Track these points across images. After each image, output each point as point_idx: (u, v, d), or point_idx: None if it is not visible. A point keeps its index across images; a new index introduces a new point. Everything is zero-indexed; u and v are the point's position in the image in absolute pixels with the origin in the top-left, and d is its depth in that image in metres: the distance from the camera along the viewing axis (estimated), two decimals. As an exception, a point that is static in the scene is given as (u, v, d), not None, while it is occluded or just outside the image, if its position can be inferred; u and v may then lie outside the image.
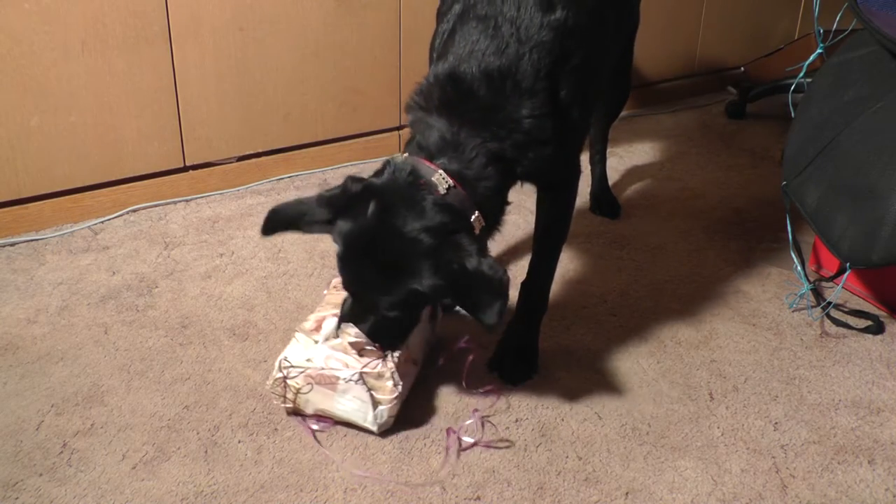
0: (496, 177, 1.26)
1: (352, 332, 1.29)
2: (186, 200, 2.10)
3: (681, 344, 1.58)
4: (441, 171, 1.23)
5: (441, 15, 1.40)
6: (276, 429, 1.32)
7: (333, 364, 1.29)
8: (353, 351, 1.29)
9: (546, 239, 1.50)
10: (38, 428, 1.31)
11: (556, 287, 1.75)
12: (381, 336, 1.30)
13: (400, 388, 1.29)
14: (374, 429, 1.29)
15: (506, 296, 1.19)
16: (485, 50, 1.25)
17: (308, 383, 1.29)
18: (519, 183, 1.37)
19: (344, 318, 1.32)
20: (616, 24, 1.43)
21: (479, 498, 1.21)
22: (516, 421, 1.36)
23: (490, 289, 1.18)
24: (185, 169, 2.11)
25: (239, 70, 2.09)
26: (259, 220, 1.29)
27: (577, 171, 1.46)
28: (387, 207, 1.20)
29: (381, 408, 1.28)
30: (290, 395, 1.31)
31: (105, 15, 1.87)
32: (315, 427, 1.32)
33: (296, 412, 1.33)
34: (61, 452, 1.26)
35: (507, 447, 1.30)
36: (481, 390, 1.41)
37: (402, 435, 1.32)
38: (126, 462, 1.25)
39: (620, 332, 1.61)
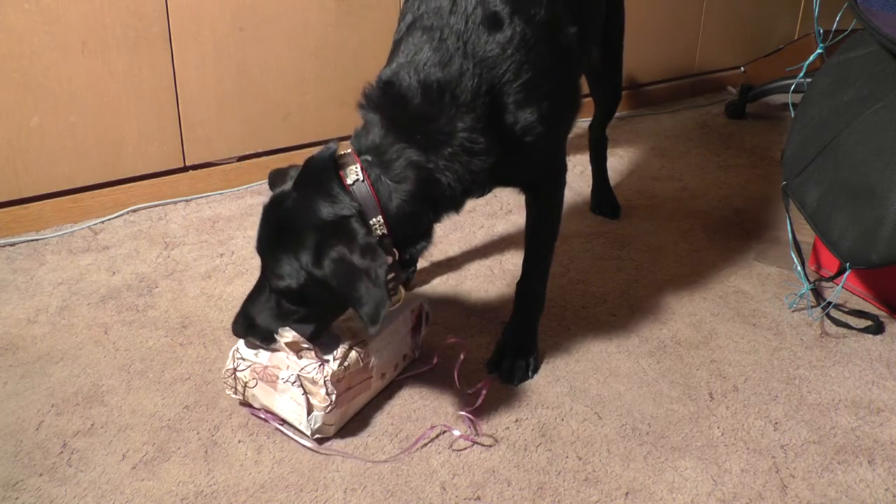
0: (412, 186, 1.23)
1: (288, 334, 1.27)
2: (186, 200, 2.10)
3: (681, 344, 1.58)
4: (358, 165, 1.23)
5: (400, 19, 1.41)
6: (276, 428, 1.32)
7: (276, 362, 1.29)
8: (292, 352, 1.28)
9: (535, 239, 1.51)
10: (38, 428, 1.31)
11: (556, 287, 1.75)
12: (279, 322, 1.28)
13: (334, 397, 1.26)
14: (309, 433, 1.28)
15: (379, 292, 1.16)
16: (426, 61, 1.25)
17: (254, 378, 1.30)
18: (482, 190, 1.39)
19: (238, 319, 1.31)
20: (581, 35, 1.42)
21: (479, 498, 1.21)
22: (516, 421, 1.36)
23: (365, 281, 1.16)
24: (185, 169, 2.11)
25: (239, 70, 2.09)
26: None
27: (555, 174, 1.46)
28: (298, 182, 1.25)
29: (315, 414, 1.27)
30: (239, 387, 1.32)
31: (105, 15, 1.87)
32: (262, 417, 1.33)
33: (245, 404, 1.35)
34: (61, 452, 1.26)
35: (500, 446, 1.30)
36: (470, 390, 1.41)
37: (402, 435, 1.32)
38: (126, 462, 1.25)
39: (620, 332, 1.61)
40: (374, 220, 1.22)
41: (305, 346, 1.27)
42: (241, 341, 1.33)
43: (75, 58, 1.86)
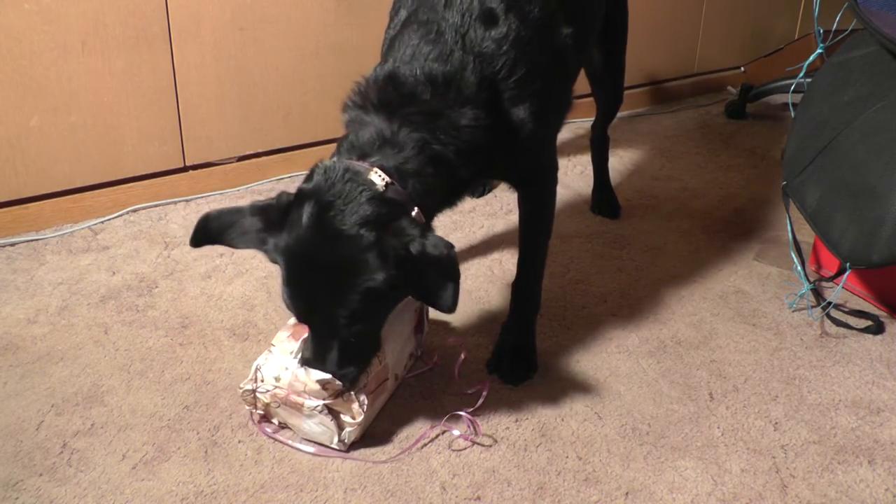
0: (435, 177, 1.22)
1: (320, 376, 1.22)
2: (186, 200, 2.10)
3: (681, 344, 1.58)
4: (376, 169, 1.17)
5: (390, 18, 1.40)
6: (276, 428, 1.32)
7: (297, 390, 1.24)
8: (316, 385, 1.22)
9: (528, 237, 1.50)
10: (38, 428, 1.31)
11: (556, 287, 1.75)
12: (350, 360, 1.22)
13: (366, 406, 1.25)
14: (342, 448, 1.27)
15: (456, 274, 1.13)
16: (427, 55, 1.24)
17: (275, 401, 1.27)
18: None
19: (306, 362, 1.23)
20: (576, 35, 1.42)
21: (479, 498, 1.21)
22: (516, 421, 1.36)
23: (439, 269, 1.13)
24: (185, 169, 2.11)
25: (239, 70, 2.09)
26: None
27: (549, 171, 1.46)
28: (323, 210, 1.14)
29: (347, 430, 1.25)
30: (260, 405, 1.29)
31: (105, 15, 1.87)
32: (268, 430, 1.31)
33: (266, 419, 1.32)
34: (61, 452, 1.26)
35: (500, 446, 1.30)
36: (470, 390, 1.41)
37: (403, 435, 1.32)
38: (126, 462, 1.25)
39: (620, 333, 1.61)
40: (413, 213, 1.18)
41: (330, 381, 1.22)
42: (262, 360, 1.28)
43: (75, 58, 1.86)
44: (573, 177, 2.32)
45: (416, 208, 1.19)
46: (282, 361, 1.26)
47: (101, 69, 1.90)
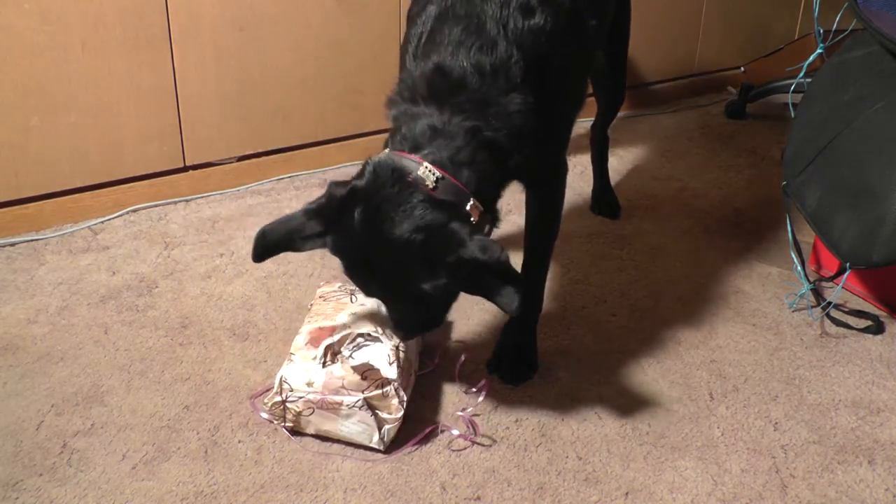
0: (489, 163, 1.23)
1: (355, 360, 1.24)
2: (186, 200, 2.10)
3: (681, 344, 1.58)
4: (426, 164, 1.18)
5: (413, 18, 1.38)
6: (276, 429, 1.32)
7: (332, 390, 1.24)
8: (356, 375, 1.24)
9: (536, 238, 1.50)
10: (38, 428, 1.31)
11: (556, 287, 1.75)
12: (429, 319, 1.31)
13: (405, 402, 1.27)
14: (381, 447, 1.27)
15: (513, 275, 1.15)
16: (472, 45, 1.24)
17: (309, 408, 1.26)
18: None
19: (394, 324, 1.31)
20: (596, 29, 1.44)
21: (479, 498, 1.21)
22: (516, 421, 1.36)
23: (494, 273, 1.15)
24: (185, 169, 2.11)
25: (239, 70, 2.09)
26: (260, 220, 1.29)
27: (562, 170, 1.47)
28: (372, 214, 1.17)
29: (386, 427, 1.26)
30: (289, 417, 1.28)
31: (105, 15, 1.87)
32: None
33: (296, 431, 1.31)
34: (61, 452, 1.26)
35: (500, 446, 1.30)
36: (470, 390, 1.41)
37: (403, 435, 1.32)
38: (126, 462, 1.25)
39: (620, 332, 1.61)
40: (468, 205, 1.20)
41: (371, 369, 1.25)
42: (286, 370, 1.29)
43: (75, 58, 1.86)
44: (573, 177, 2.32)
45: (471, 199, 1.20)
46: (306, 368, 1.27)
47: (101, 69, 1.90)
